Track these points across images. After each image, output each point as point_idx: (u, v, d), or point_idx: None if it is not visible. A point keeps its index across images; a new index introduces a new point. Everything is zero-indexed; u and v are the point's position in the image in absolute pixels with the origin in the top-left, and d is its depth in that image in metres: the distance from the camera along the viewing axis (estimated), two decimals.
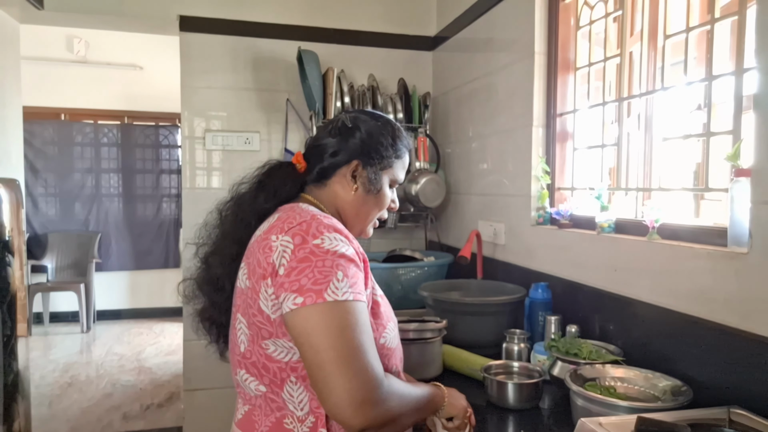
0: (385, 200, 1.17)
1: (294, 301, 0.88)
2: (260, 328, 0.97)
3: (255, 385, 1.01)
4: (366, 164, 1.12)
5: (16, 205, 2.09)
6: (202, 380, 2.68)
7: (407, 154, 1.19)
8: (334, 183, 1.12)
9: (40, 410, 3.47)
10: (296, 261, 0.91)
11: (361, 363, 0.86)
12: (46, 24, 2.93)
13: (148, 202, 5.87)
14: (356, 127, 1.12)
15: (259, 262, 0.96)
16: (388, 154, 1.13)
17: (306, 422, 0.97)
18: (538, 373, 1.42)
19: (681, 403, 1.12)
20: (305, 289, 0.88)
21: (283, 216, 1.00)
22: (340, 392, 0.84)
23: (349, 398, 0.84)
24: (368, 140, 1.12)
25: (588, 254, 1.69)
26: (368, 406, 0.85)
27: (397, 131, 1.17)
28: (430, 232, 2.95)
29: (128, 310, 5.92)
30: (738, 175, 1.20)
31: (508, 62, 2.19)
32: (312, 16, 2.78)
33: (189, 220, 2.70)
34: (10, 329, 2.05)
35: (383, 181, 1.15)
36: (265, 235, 0.98)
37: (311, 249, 0.91)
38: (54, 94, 5.50)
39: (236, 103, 2.72)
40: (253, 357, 0.99)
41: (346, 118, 1.14)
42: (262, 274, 0.94)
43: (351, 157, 1.11)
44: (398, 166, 1.17)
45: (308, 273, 0.89)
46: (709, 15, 1.41)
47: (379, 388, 0.87)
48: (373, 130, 1.13)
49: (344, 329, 0.87)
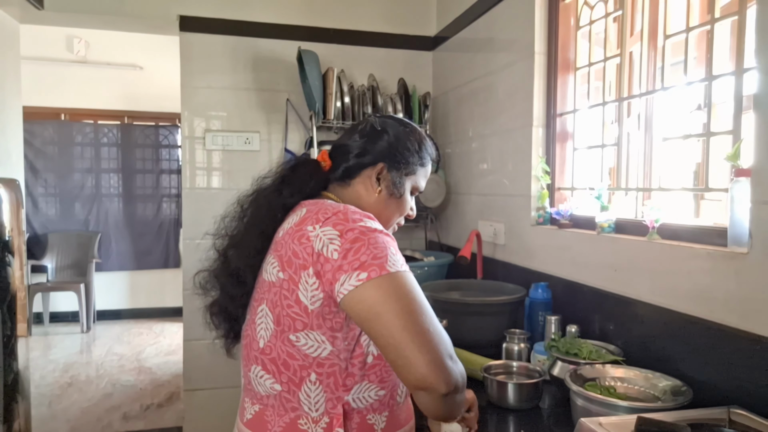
0: (406, 206, 1.18)
1: (358, 278, 0.89)
2: (294, 320, 0.96)
3: (270, 383, 0.99)
4: (391, 168, 1.12)
5: (16, 205, 2.09)
6: (202, 380, 2.68)
7: (431, 163, 1.20)
8: (358, 183, 1.12)
9: (40, 410, 3.46)
10: (349, 243, 0.92)
11: (432, 327, 0.88)
12: (46, 24, 2.93)
13: (148, 202, 5.87)
14: (384, 130, 1.13)
15: (296, 253, 0.95)
16: (413, 161, 1.15)
17: (321, 423, 0.97)
18: (538, 373, 1.42)
19: (681, 403, 1.12)
20: (367, 264, 0.90)
21: (312, 209, 1.00)
22: (423, 361, 0.85)
23: (432, 364, 0.85)
24: (395, 144, 1.13)
25: (588, 254, 1.69)
26: (449, 366, 0.86)
27: (423, 139, 1.18)
28: (430, 232, 2.95)
29: (128, 310, 5.91)
30: (738, 175, 1.20)
31: (508, 62, 2.19)
32: (312, 16, 2.78)
33: (189, 220, 2.70)
34: (10, 329, 2.05)
35: (406, 187, 1.15)
36: (297, 226, 0.98)
37: (360, 229, 0.93)
38: (54, 94, 5.49)
39: (236, 103, 2.72)
40: (274, 353, 0.99)
41: (375, 120, 1.15)
42: (302, 265, 0.94)
43: (377, 159, 1.12)
44: (421, 173, 1.18)
45: (365, 250, 0.91)
46: (709, 15, 1.41)
47: (451, 346, 0.90)
48: (400, 135, 1.14)
49: (411, 298, 0.89)
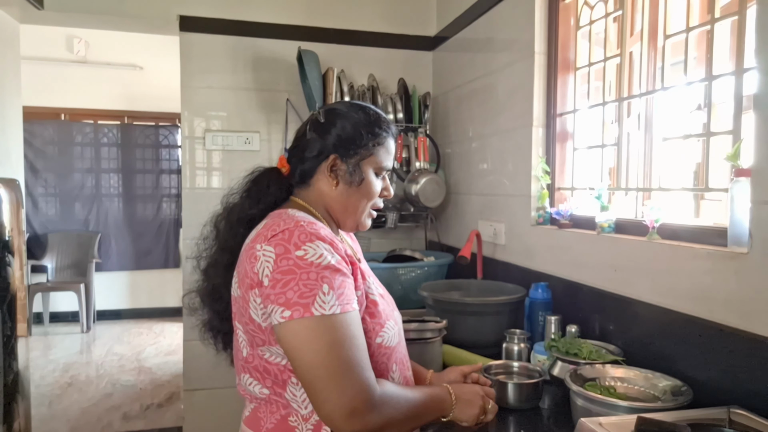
0: (372, 189, 1.11)
1: (282, 314, 0.89)
2: (253, 336, 0.98)
3: (259, 389, 1.02)
4: (343, 157, 1.08)
5: (16, 205, 2.09)
6: (202, 380, 2.68)
7: (390, 138, 1.13)
8: (318, 181, 1.10)
9: (40, 410, 3.47)
10: (280, 273, 0.90)
11: (351, 377, 0.88)
12: (46, 24, 2.93)
13: (148, 202, 5.87)
14: (330, 121, 1.09)
15: (246, 271, 0.96)
16: (365, 143, 1.08)
17: (310, 420, 0.98)
18: (538, 373, 1.42)
19: (681, 403, 1.12)
20: (292, 303, 0.88)
21: (269, 223, 0.99)
22: (331, 405, 0.87)
23: (339, 410, 0.86)
24: (343, 132, 1.08)
25: (588, 254, 1.69)
26: (360, 416, 0.87)
27: (374, 118, 1.11)
28: (430, 232, 2.95)
29: (128, 310, 5.91)
30: (738, 175, 1.20)
31: (508, 62, 2.19)
32: (312, 16, 2.78)
33: (189, 220, 2.70)
34: (10, 329, 2.05)
35: (366, 171, 1.09)
36: (251, 243, 0.98)
37: (295, 261, 0.91)
38: (54, 94, 5.50)
39: (236, 103, 2.72)
40: (255, 361, 1.01)
41: (320, 113, 1.12)
42: (250, 284, 0.95)
43: (328, 152, 1.08)
44: (381, 152, 1.11)
45: (293, 286, 0.89)
46: (709, 15, 1.41)
47: (370, 398, 0.89)
48: (347, 122, 1.09)
49: (333, 345, 0.88)
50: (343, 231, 1.18)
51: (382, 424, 0.90)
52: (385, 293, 1.16)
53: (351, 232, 1.23)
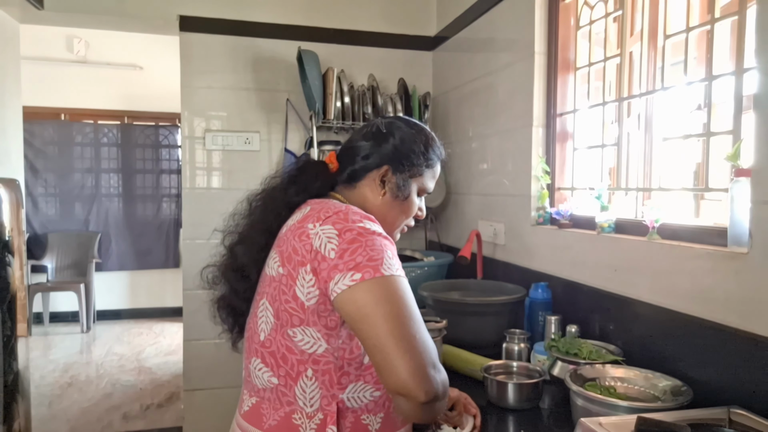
0: (413, 208, 1.18)
1: (352, 278, 0.91)
2: (291, 315, 0.97)
3: (268, 377, 1.01)
4: (396, 170, 1.13)
5: (16, 205, 2.09)
6: (202, 380, 2.68)
7: (438, 164, 1.20)
8: (364, 186, 1.14)
9: (40, 410, 3.46)
10: (346, 243, 0.93)
11: (420, 335, 0.90)
12: (46, 24, 2.93)
13: (148, 202, 5.87)
14: (390, 132, 1.14)
15: (296, 249, 0.97)
16: (419, 162, 1.15)
17: (314, 419, 0.98)
18: (538, 373, 1.42)
19: (681, 403, 1.12)
20: (362, 266, 0.91)
21: (316, 207, 1.03)
22: (405, 366, 0.85)
23: (414, 371, 0.85)
24: (401, 146, 1.13)
25: (588, 254, 1.69)
26: (431, 374, 0.87)
27: (430, 140, 1.18)
28: (430, 232, 2.95)
29: (128, 310, 5.91)
30: (738, 175, 1.20)
31: (508, 62, 2.19)
32: (312, 16, 2.78)
33: (189, 220, 2.70)
34: (10, 329, 2.05)
35: (411, 189, 1.16)
36: (299, 224, 1.00)
37: (358, 230, 0.95)
38: (54, 94, 5.49)
39: (236, 103, 2.72)
40: (273, 346, 1.00)
41: (381, 123, 1.16)
42: (300, 261, 0.96)
43: (382, 161, 1.13)
44: (428, 174, 1.18)
45: (361, 252, 0.92)
46: (709, 15, 1.41)
47: (437, 356, 0.90)
48: (406, 137, 1.14)
49: (402, 303, 0.91)
50: None
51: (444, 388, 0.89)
52: None
53: None
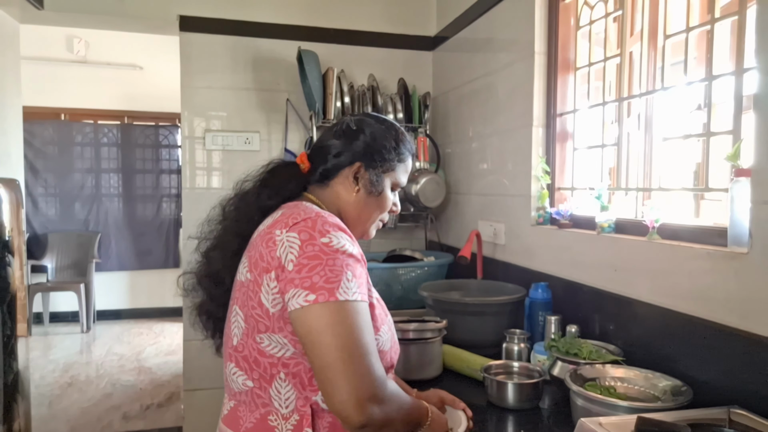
0: (387, 203, 1.18)
1: (306, 298, 0.90)
2: (258, 321, 0.98)
3: (243, 380, 1.01)
4: (368, 166, 1.13)
5: (16, 205, 2.09)
6: (202, 380, 2.67)
7: (410, 158, 1.21)
8: (337, 184, 1.14)
9: (40, 410, 3.47)
10: (306, 258, 0.92)
11: (369, 363, 0.89)
12: (46, 24, 2.93)
13: (148, 202, 5.87)
14: (360, 129, 1.14)
15: (262, 255, 0.97)
16: (391, 157, 1.15)
17: (290, 420, 0.98)
18: (538, 373, 1.42)
19: (681, 403, 1.12)
20: (317, 287, 0.90)
21: (287, 212, 1.01)
22: (346, 390, 0.86)
23: (354, 396, 0.86)
24: (372, 143, 1.13)
25: (588, 254, 1.69)
26: (371, 405, 0.87)
27: (400, 135, 1.18)
28: (430, 232, 2.95)
29: (128, 310, 5.91)
30: (738, 175, 1.20)
31: (508, 62, 2.19)
32: (312, 16, 2.78)
33: (189, 220, 2.70)
34: (10, 329, 2.05)
35: (385, 184, 1.16)
36: (268, 229, 0.99)
37: (320, 247, 0.93)
38: (54, 94, 5.49)
39: (236, 103, 2.72)
40: (245, 351, 1.00)
41: (351, 120, 1.16)
42: (265, 267, 0.95)
43: (354, 158, 1.12)
44: (400, 169, 1.18)
45: (319, 271, 0.91)
46: (709, 15, 1.41)
47: (382, 388, 0.89)
48: (376, 133, 1.14)
49: (355, 330, 0.90)
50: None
51: (384, 420, 0.90)
52: (380, 298, 1.16)
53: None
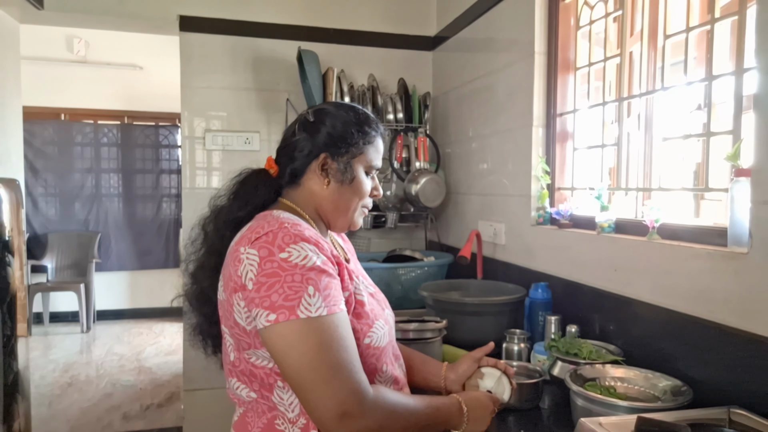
0: (363, 188, 1.12)
1: (267, 318, 0.88)
2: (239, 339, 0.97)
3: (246, 392, 1.01)
4: (334, 155, 1.08)
5: (16, 205, 2.09)
6: (202, 380, 2.67)
7: (379, 138, 1.14)
8: (308, 181, 1.09)
9: (40, 410, 3.46)
10: (264, 276, 0.89)
11: (340, 379, 0.87)
12: (46, 24, 2.93)
13: (148, 202, 5.87)
14: (320, 120, 1.09)
15: (230, 274, 0.95)
16: (355, 141, 1.09)
17: (297, 423, 0.97)
18: (538, 373, 1.42)
19: (681, 403, 1.12)
20: (277, 306, 0.87)
21: (253, 224, 0.99)
22: (321, 408, 0.86)
23: (330, 412, 0.85)
24: (333, 131, 1.08)
25: (588, 254, 1.69)
26: (351, 419, 0.86)
27: (363, 117, 1.12)
28: (430, 232, 2.95)
29: (128, 310, 5.91)
30: (738, 175, 1.20)
31: (508, 62, 2.19)
32: (312, 16, 2.78)
33: (189, 220, 2.69)
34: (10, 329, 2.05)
35: (357, 170, 1.10)
36: (235, 246, 0.97)
37: (279, 263, 0.90)
38: (54, 94, 5.49)
39: (236, 103, 2.72)
40: (241, 365, 1.00)
41: (309, 113, 1.12)
42: (234, 288, 0.94)
43: (318, 151, 1.08)
44: (371, 151, 1.12)
45: (278, 289, 0.88)
46: (709, 15, 1.41)
47: (362, 401, 0.88)
48: (337, 120, 1.09)
49: (320, 347, 0.87)
50: (334, 231, 1.17)
51: (374, 429, 0.88)
52: (377, 292, 1.15)
53: (342, 232, 1.22)
